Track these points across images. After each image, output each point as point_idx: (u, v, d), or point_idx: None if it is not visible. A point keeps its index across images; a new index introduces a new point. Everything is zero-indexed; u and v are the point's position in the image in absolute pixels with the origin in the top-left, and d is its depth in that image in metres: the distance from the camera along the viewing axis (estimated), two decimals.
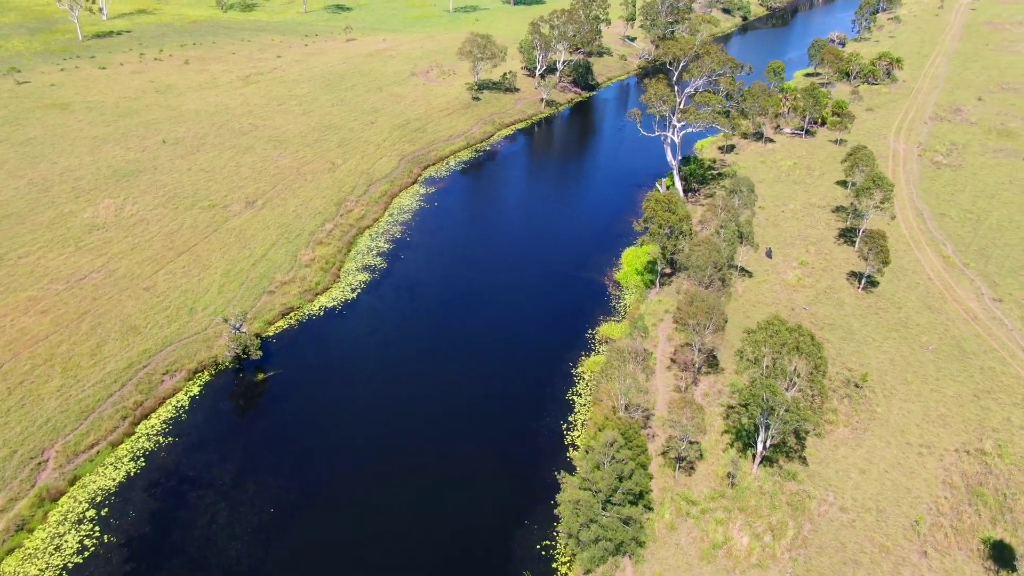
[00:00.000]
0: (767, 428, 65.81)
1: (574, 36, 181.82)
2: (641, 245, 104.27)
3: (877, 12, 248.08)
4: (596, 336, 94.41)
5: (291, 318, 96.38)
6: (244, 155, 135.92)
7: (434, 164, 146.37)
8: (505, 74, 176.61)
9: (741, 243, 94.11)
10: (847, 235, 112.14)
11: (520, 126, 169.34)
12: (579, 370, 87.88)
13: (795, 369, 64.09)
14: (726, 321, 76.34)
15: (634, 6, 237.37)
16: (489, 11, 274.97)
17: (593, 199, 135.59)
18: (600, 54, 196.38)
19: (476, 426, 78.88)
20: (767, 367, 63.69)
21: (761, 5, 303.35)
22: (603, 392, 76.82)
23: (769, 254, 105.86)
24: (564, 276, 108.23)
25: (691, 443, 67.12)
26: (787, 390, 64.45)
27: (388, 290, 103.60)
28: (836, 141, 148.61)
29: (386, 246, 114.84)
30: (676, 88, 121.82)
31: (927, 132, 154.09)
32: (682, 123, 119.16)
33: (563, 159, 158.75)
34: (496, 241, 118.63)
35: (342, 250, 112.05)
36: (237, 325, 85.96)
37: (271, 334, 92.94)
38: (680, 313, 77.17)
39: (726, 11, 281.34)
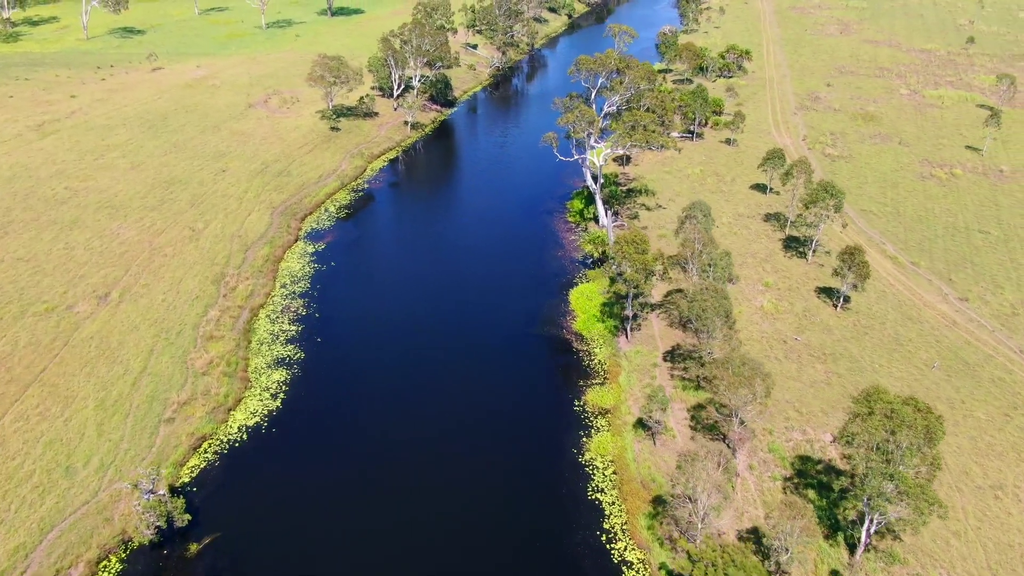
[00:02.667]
0: (872, 518, 56.46)
1: (430, 50, 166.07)
2: (606, 293, 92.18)
3: (696, 2, 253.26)
4: (587, 407, 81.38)
5: (207, 451, 74.32)
6: (72, 232, 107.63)
7: (311, 213, 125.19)
8: (362, 98, 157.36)
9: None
10: (792, 247, 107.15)
11: (391, 155, 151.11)
12: (588, 457, 74.44)
13: (897, 442, 54.93)
14: (773, 384, 66.26)
15: (473, 12, 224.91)
16: (306, 24, 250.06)
17: (503, 233, 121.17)
18: (449, 66, 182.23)
19: (500, 558, 63.05)
20: (878, 447, 53.99)
21: (581, 2, 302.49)
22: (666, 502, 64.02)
23: (732, 279, 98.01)
24: (517, 335, 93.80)
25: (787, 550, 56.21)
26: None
27: (318, 388, 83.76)
28: (726, 141, 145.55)
29: (293, 328, 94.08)
30: (592, 107, 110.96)
31: (803, 123, 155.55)
32: (609, 144, 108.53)
33: (452, 189, 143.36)
34: (419, 300, 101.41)
35: (241, 343, 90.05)
36: (151, 487, 63.46)
37: (187, 480, 70.71)
38: (719, 383, 66.02)
39: (552, 10, 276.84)
